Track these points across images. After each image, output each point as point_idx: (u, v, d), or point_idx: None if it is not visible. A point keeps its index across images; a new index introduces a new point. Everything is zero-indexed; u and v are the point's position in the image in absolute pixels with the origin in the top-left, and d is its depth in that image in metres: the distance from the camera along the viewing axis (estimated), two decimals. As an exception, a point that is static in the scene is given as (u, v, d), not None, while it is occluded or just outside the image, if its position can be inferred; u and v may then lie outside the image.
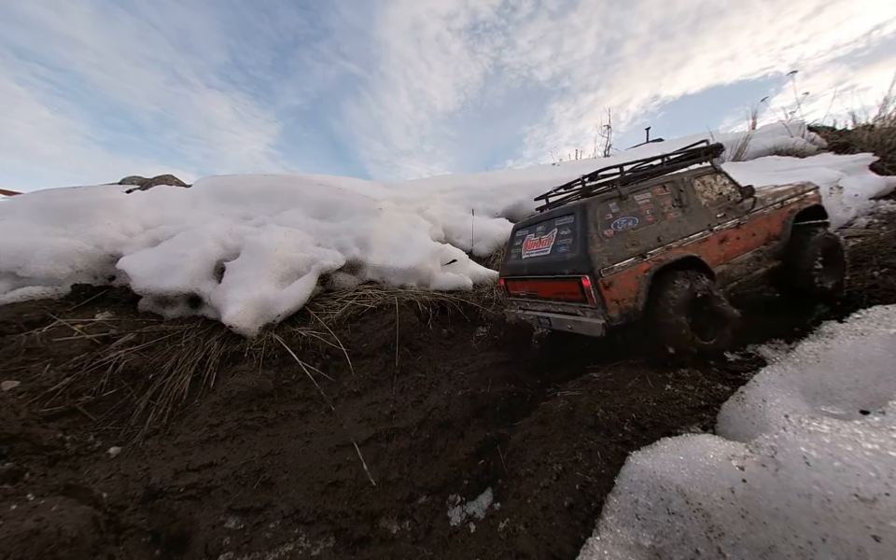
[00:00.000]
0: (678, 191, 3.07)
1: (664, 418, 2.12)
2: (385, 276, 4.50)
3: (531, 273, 3.24)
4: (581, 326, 2.73)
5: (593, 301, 2.62)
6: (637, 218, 2.87)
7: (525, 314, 3.39)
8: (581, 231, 2.75)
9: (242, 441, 2.67)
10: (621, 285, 2.63)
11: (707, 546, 1.32)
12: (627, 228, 2.81)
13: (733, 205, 3.23)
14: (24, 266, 3.58)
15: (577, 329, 2.78)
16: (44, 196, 4.34)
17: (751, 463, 1.42)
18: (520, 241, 3.58)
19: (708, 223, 3.04)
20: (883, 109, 8.34)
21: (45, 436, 2.46)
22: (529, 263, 3.29)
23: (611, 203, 2.85)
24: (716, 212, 3.13)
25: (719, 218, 3.11)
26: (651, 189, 3.01)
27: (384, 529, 2.19)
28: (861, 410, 1.71)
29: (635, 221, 2.85)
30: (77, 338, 3.16)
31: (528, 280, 3.31)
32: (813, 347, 2.22)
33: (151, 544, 2.03)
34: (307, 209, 5.26)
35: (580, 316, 2.77)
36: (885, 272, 3.39)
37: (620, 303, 2.62)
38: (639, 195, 2.94)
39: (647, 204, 2.93)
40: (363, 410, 2.98)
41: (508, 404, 2.97)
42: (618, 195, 2.87)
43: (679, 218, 2.97)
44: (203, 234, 4.14)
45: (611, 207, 2.84)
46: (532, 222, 3.49)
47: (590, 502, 1.76)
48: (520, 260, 3.47)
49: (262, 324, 3.49)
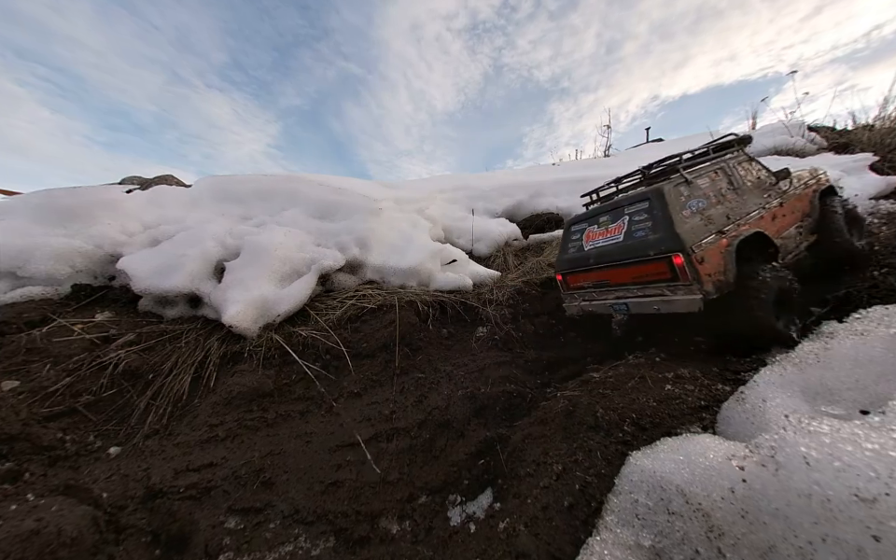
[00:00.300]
0: (727, 176, 3.34)
1: (664, 418, 2.12)
2: (385, 276, 4.50)
3: (600, 262, 3.33)
4: (674, 304, 2.80)
5: (687, 277, 2.68)
6: (705, 200, 3.06)
7: (593, 304, 3.50)
8: (662, 214, 2.86)
9: (242, 440, 2.67)
10: (711, 260, 2.75)
11: (707, 546, 1.32)
12: (699, 209, 2.98)
13: (771, 187, 3.56)
14: (24, 266, 3.58)
15: (666, 309, 2.86)
16: (44, 196, 4.34)
17: (751, 463, 1.42)
18: (578, 234, 3.69)
19: (759, 203, 3.31)
20: (883, 109, 8.35)
21: (45, 436, 2.46)
22: (597, 253, 3.38)
23: (681, 186, 3.02)
24: (761, 193, 3.43)
25: (766, 198, 3.40)
26: (708, 174, 3.25)
27: (384, 529, 2.19)
28: (860, 410, 1.71)
29: (703, 203, 3.04)
30: (77, 338, 3.16)
31: (596, 270, 3.39)
32: (813, 347, 2.22)
33: (151, 544, 2.03)
34: (307, 209, 5.26)
35: (669, 295, 2.84)
36: (885, 272, 3.39)
37: (713, 277, 2.72)
38: (700, 180, 3.16)
39: (708, 188, 3.16)
40: (363, 410, 2.98)
41: (508, 404, 2.97)
42: (685, 180, 3.05)
43: (736, 199, 3.22)
44: (203, 234, 4.14)
45: (682, 191, 3.00)
46: (591, 215, 3.61)
47: (590, 502, 1.76)
48: (582, 252, 3.56)
49: (262, 324, 3.49)
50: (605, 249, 3.31)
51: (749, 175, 3.53)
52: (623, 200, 3.29)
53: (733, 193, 3.26)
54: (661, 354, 3.11)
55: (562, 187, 7.86)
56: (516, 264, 5.79)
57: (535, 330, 4.15)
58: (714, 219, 2.95)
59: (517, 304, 4.35)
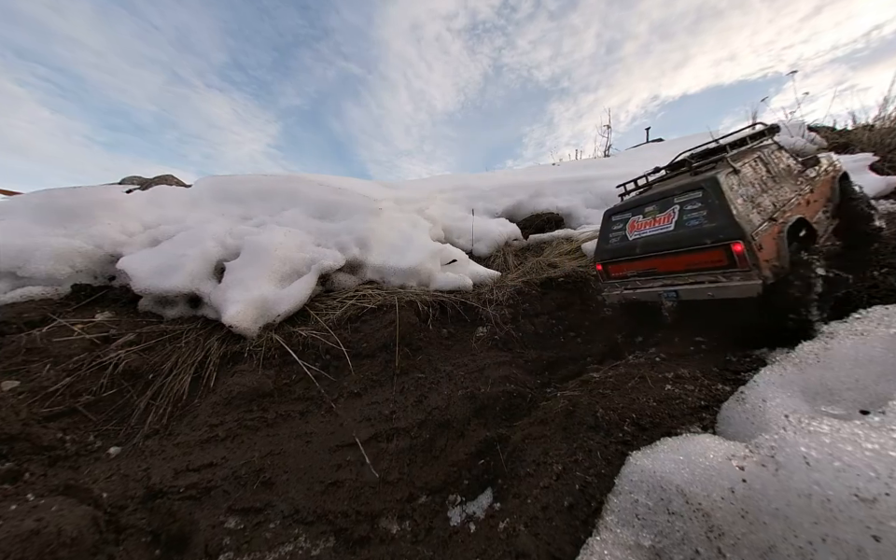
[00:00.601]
0: (765, 164, 3.44)
1: (664, 418, 2.12)
2: (385, 276, 4.50)
3: (647, 250, 3.37)
4: (729, 290, 2.84)
5: (746, 264, 2.72)
6: (751, 188, 3.11)
7: (637, 292, 3.53)
8: (719, 203, 2.90)
9: (242, 441, 2.67)
10: (767, 246, 2.81)
11: (707, 546, 1.32)
12: (749, 196, 3.03)
13: (800, 174, 3.70)
14: (24, 266, 3.58)
15: (720, 295, 2.91)
16: (44, 196, 4.34)
17: (751, 463, 1.42)
18: (620, 224, 3.71)
19: (794, 189, 3.43)
20: (883, 109, 8.33)
21: (45, 436, 2.46)
22: (643, 242, 3.41)
23: (732, 176, 3.05)
24: (793, 180, 3.55)
25: (799, 185, 3.53)
26: (748, 162, 3.30)
27: (384, 529, 2.19)
28: (861, 410, 1.71)
29: (751, 190, 3.09)
30: (77, 338, 3.16)
31: (642, 259, 3.43)
32: (813, 347, 2.21)
33: (151, 544, 2.03)
34: (307, 209, 5.26)
35: (724, 282, 2.88)
36: (885, 272, 3.39)
37: (770, 263, 2.77)
38: (744, 169, 3.20)
39: (752, 176, 3.22)
40: (363, 410, 2.98)
41: (508, 404, 2.97)
42: (733, 169, 3.09)
43: (776, 187, 3.32)
44: (203, 234, 4.14)
45: (733, 180, 3.04)
46: (634, 204, 3.62)
47: (590, 502, 1.76)
48: (626, 242, 3.58)
49: (262, 324, 3.49)
50: (652, 238, 3.34)
51: (780, 162, 3.65)
52: (672, 190, 3.30)
53: (771, 181, 3.35)
54: (661, 354, 3.11)
55: (562, 187, 7.86)
56: (516, 264, 5.79)
57: (535, 330, 4.15)
58: (763, 207, 3.03)
59: (517, 304, 4.35)
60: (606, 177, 7.86)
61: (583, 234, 6.34)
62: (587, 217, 7.06)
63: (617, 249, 3.67)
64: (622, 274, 3.68)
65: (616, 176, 7.76)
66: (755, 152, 3.48)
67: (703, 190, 3.02)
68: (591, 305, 4.45)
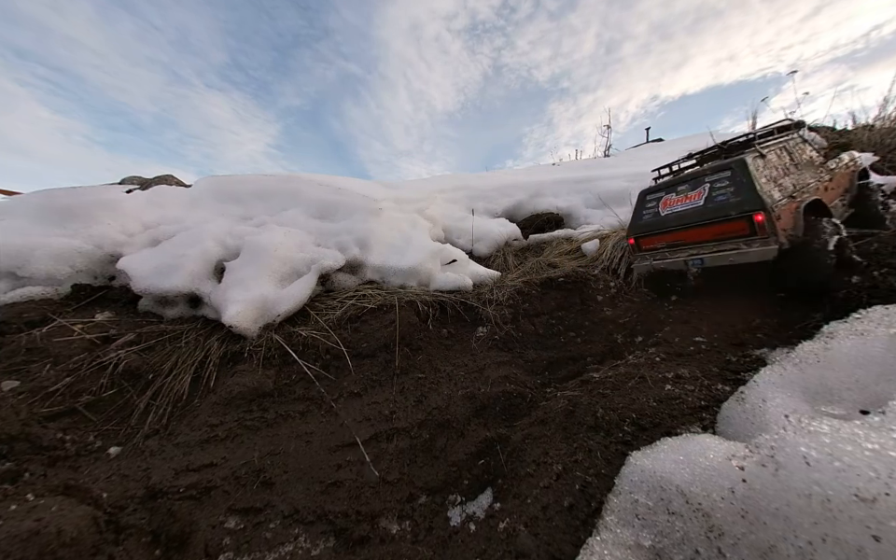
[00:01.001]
0: (789, 154, 3.94)
1: (664, 418, 2.12)
2: (385, 276, 4.50)
3: (678, 224, 3.89)
4: (749, 255, 3.34)
5: (765, 232, 3.22)
6: (775, 171, 3.61)
7: (665, 261, 4.08)
8: (745, 180, 3.39)
9: (242, 441, 2.67)
10: (785, 218, 3.31)
11: (707, 546, 1.32)
12: (772, 177, 3.53)
13: (821, 165, 4.18)
14: (24, 266, 3.58)
15: (740, 260, 3.41)
16: (44, 196, 4.34)
17: (751, 463, 1.42)
18: (653, 202, 4.25)
19: (814, 177, 3.92)
20: (883, 109, 8.34)
21: (45, 436, 2.46)
22: (676, 216, 3.93)
23: (758, 159, 3.55)
24: (814, 169, 4.04)
25: (819, 174, 4.02)
26: (774, 150, 3.80)
27: (384, 529, 2.19)
28: (861, 410, 1.71)
29: (773, 173, 3.58)
30: (77, 338, 3.16)
31: (672, 231, 3.98)
32: (813, 347, 2.21)
33: (151, 544, 2.03)
34: (307, 209, 5.25)
35: (744, 249, 3.38)
36: (885, 272, 3.39)
37: (786, 231, 3.26)
38: (769, 155, 3.70)
39: (776, 162, 3.71)
40: (363, 410, 2.98)
41: (508, 404, 2.97)
42: (760, 154, 3.60)
43: (798, 173, 3.81)
44: (203, 234, 4.14)
45: (759, 163, 3.53)
46: (668, 184, 4.16)
47: (590, 502, 1.76)
48: (658, 218, 4.12)
49: (262, 324, 3.49)
50: (683, 213, 3.84)
51: (804, 154, 4.14)
52: (703, 171, 3.81)
53: (794, 168, 3.83)
54: (661, 354, 3.11)
55: (562, 187, 7.86)
56: (516, 264, 5.79)
57: (535, 330, 4.15)
58: (784, 186, 3.53)
59: (517, 304, 4.35)
60: (606, 177, 7.86)
61: (583, 234, 6.34)
62: (587, 217, 7.06)
63: (649, 224, 4.19)
64: (652, 247, 4.21)
65: (616, 176, 7.77)
66: (781, 143, 3.95)
67: (731, 170, 3.50)
68: (591, 305, 4.45)
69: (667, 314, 4.02)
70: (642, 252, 4.31)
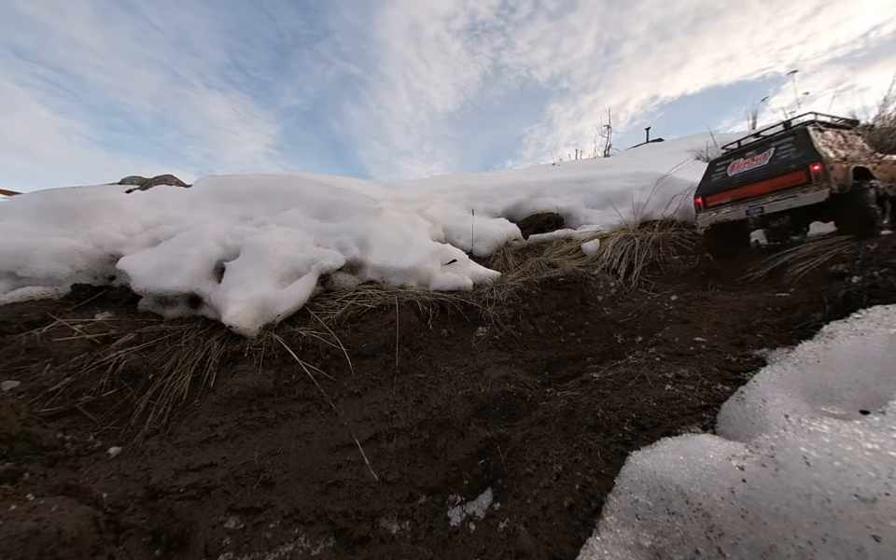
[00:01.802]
0: (844, 138, 4.73)
1: (664, 418, 2.12)
2: (385, 276, 4.50)
3: (743, 181, 4.73)
4: (803, 199, 4.12)
5: (820, 179, 3.99)
6: (831, 143, 4.42)
7: (727, 214, 4.87)
8: (805, 142, 4.24)
9: (242, 441, 2.67)
10: (836, 171, 4.10)
11: (707, 546, 1.32)
12: (828, 144, 4.35)
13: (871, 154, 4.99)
14: (24, 266, 3.58)
15: (796, 204, 4.20)
16: (44, 196, 4.34)
17: (751, 463, 1.42)
18: (722, 167, 5.16)
19: (862, 156, 4.67)
20: (883, 109, 8.35)
21: (45, 436, 2.46)
22: (741, 176, 4.79)
23: (816, 130, 4.39)
24: (864, 154, 4.81)
25: (868, 155, 4.83)
26: (830, 131, 4.65)
27: (384, 529, 2.19)
28: (861, 410, 1.70)
29: (830, 143, 4.40)
30: (77, 338, 3.16)
31: (736, 188, 4.79)
32: (813, 347, 2.21)
33: (151, 544, 2.03)
34: (307, 209, 5.26)
35: (800, 195, 4.15)
36: (885, 272, 3.39)
37: (838, 181, 4.04)
38: (826, 134, 4.53)
39: (831, 139, 4.52)
40: (363, 410, 2.98)
41: (508, 404, 2.97)
42: (819, 129, 4.47)
43: (849, 149, 4.62)
44: (203, 234, 4.14)
45: (817, 133, 4.37)
46: (737, 151, 5.09)
47: (590, 502, 1.76)
48: (726, 178, 4.99)
49: (262, 324, 3.49)
50: (749, 172, 4.69)
51: (856, 142, 4.90)
52: (769, 138, 4.71)
53: (846, 146, 4.60)
54: (661, 354, 3.11)
55: (562, 187, 7.86)
56: (516, 264, 5.79)
57: (535, 330, 4.15)
58: (837, 152, 4.32)
59: (517, 304, 4.35)
60: (606, 177, 7.86)
61: (583, 234, 6.34)
62: (587, 217, 7.06)
63: (717, 184, 5.05)
64: (717, 203, 5.00)
65: (616, 176, 7.76)
66: (837, 127, 4.79)
67: (795, 136, 4.38)
68: (591, 305, 4.45)
69: (667, 314, 4.02)
70: (707, 209, 5.08)
